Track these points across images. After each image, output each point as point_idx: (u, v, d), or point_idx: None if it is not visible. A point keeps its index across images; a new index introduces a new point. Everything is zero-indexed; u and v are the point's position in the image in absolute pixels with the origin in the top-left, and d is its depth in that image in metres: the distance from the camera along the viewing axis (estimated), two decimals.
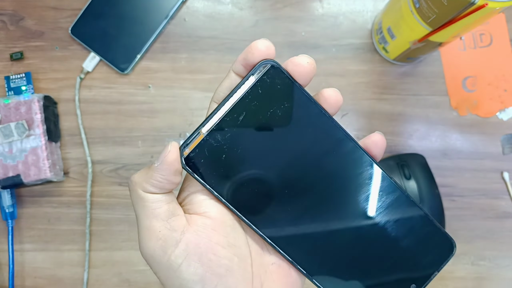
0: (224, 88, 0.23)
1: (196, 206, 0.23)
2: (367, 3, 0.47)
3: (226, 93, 0.23)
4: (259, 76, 0.22)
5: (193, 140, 0.22)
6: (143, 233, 0.22)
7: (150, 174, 0.22)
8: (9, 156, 0.42)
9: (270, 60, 0.22)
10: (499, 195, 0.46)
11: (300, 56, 0.22)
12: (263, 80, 0.22)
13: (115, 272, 0.44)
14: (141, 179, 0.22)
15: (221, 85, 0.24)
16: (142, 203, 0.22)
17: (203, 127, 0.22)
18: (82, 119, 0.45)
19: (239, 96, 0.22)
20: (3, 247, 0.44)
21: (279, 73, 0.22)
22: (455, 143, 0.46)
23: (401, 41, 0.41)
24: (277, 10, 0.47)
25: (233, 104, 0.22)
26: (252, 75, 0.22)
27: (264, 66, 0.22)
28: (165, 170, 0.22)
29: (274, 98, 0.22)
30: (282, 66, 0.22)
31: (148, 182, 0.22)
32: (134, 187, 0.22)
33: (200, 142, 0.22)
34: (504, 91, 0.47)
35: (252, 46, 0.22)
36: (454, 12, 0.33)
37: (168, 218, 0.22)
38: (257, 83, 0.22)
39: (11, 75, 0.45)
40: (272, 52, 0.22)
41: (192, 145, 0.22)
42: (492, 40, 0.47)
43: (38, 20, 0.46)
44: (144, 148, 0.45)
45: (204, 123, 0.22)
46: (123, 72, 0.45)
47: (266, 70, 0.22)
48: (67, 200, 0.45)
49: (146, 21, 0.46)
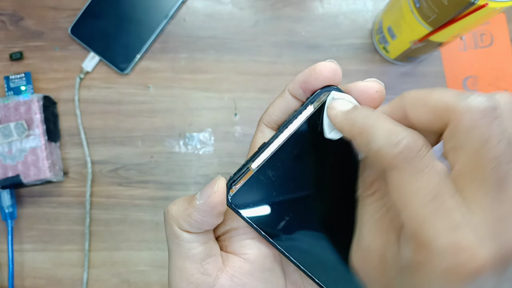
0: (277, 109, 0.21)
1: (235, 245, 0.21)
2: (367, 3, 0.47)
3: (279, 115, 0.21)
4: (319, 105, 0.19)
5: (241, 176, 0.20)
6: (175, 272, 0.21)
7: (189, 212, 0.20)
8: (9, 156, 0.42)
9: (333, 87, 0.20)
10: None
11: (368, 83, 0.19)
12: (323, 109, 0.19)
13: (115, 272, 0.44)
14: (178, 214, 0.20)
15: (273, 105, 0.21)
16: (177, 240, 0.20)
17: (253, 162, 0.20)
18: (82, 119, 0.45)
19: (295, 128, 0.20)
20: (3, 247, 0.44)
21: None
22: None
23: (402, 41, 0.41)
24: (277, 10, 0.47)
25: (287, 137, 0.20)
26: (311, 103, 0.20)
27: (325, 94, 0.19)
28: (207, 212, 0.20)
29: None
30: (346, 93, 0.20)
31: (186, 221, 0.20)
32: (170, 221, 0.20)
33: (249, 179, 0.20)
34: (504, 91, 0.47)
35: (317, 70, 0.19)
36: (455, 12, 0.32)
37: (202, 261, 0.20)
38: (315, 113, 0.19)
39: (10, 75, 0.45)
40: (338, 78, 0.19)
41: (240, 181, 0.20)
42: (493, 40, 0.47)
43: (37, 20, 0.46)
44: (144, 148, 0.45)
45: (254, 158, 0.20)
46: (122, 72, 0.45)
47: (326, 97, 0.19)
48: (66, 200, 0.45)
49: (146, 21, 0.46)
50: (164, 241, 0.23)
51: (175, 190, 0.45)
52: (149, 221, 0.44)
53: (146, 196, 0.45)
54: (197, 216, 0.19)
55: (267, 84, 0.46)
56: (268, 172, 0.20)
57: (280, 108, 0.21)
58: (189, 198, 0.20)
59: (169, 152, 0.45)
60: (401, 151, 0.15)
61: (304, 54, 0.46)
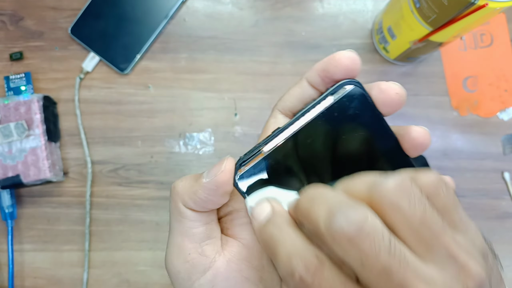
0: (293, 97, 0.21)
1: (236, 228, 0.21)
2: (367, 3, 0.47)
3: (294, 102, 0.21)
4: (339, 97, 0.19)
5: (252, 158, 0.20)
6: (172, 249, 0.20)
7: (195, 189, 0.20)
8: (9, 156, 0.42)
9: (354, 81, 0.19)
10: (499, 195, 0.46)
11: (390, 84, 0.19)
12: (342, 102, 0.19)
13: (115, 272, 0.44)
14: (184, 190, 0.20)
15: (289, 92, 0.21)
16: (180, 217, 0.20)
17: (265, 145, 0.20)
18: (82, 119, 0.45)
19: (312, 117, 0.19)
20: (3, 247, 0.44)
21: (361, 98, 0.19)
22: (456, 143, 0.46)
23: (402, 41, 0.41)
24: (277, 10, 0.47)
25: (303, 124, 0.19)
26: (331, 94, 0.19)
27: (346, 87, 0.19)
28: (213, 191, 0.19)
29: (350, 124, 0.20)
30: (366, 90, 0.20)
31: (191, 198, 0.20)
32: (175, 197, 0.20)
33: (259, 161, 0.20)
34: (504, 91, 0.47)
35: (336, 58, 0.19)
36: (455, 12, 0.32)
37: (202, 241, 0.20)
38: (335, 104, 0.19)
39: (10, 75, 0.45)
40: (357, 68, 0.19)
41: (249, 163, 0.20)
42: (493, 40, 0.47)
43: (37, 20, 0.46)
44: (144, 148, 0.45)
45: (267, 141, 0.20)
46: (122, 72, 0.45)
47: (347, 92, 0.19)
48: (66, 200, 0.45)
49: (146, 21, 0.46)
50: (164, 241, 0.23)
51: None
52: (149, 221, 0.44)
53: (146, 196, 0.45)
54: (203, 194, 0.19)
55: (267, 84, 0.46)
56: (279, 157, 0.20)
57: (296, 96, 0.21)
58: (196, 176, 0.20)
59: (169, 152, 0.45)
60: (297, 284, 0.15)
61: (304, 54, 0.46)
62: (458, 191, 0.46)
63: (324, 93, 0.20)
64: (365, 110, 0.19)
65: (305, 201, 0.17)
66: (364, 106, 0.19)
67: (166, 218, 0.44)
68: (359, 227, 0.14)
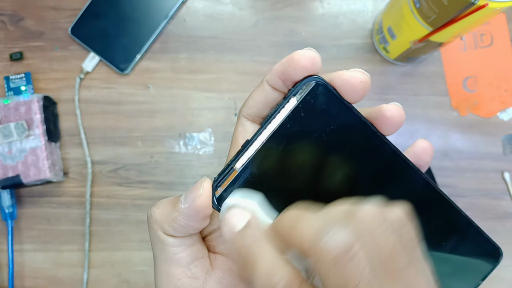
0: (257, 102, 0.20)
1: (223, 245, 0.21)
2: (367, 3, 0.47)
3: (259, 107, 0.20)
4: (302, 97, 0.19)
5: (226, 177, 0.19)
6: (161, 277, 0.20)
7: (173, 216, 0.19)
8: (9, 156, 0.42)
9: (315, 76, 0.19)
10: (500, 195, 0.46)
11: (352, 72, 0.18)
12: (306, 101, 0.19)
13: (115, 272, 0.44)
14: (162, 218, 0.19)
15: (252, 97, 0.20)
16: (161, 245, 0.19)
17: (237, 162, 0.19)
18: (82, 119, 0.45)
19: (278, 123, 0.19)
20: (3, 248, 0.44)
21: (324, 92, 0.19)
22: (456, 143, 0.46)
23: (402, 41, 0.41)
24: (278, 10, 0.47)
25: (271, 133, 0.19)
26: (293, 96, 0.19)
27: (307, 85, 0.19)
28: (193, 216, 0.19)
29: (319, 121, 0.19)
30: (329, 83, 0.19)
31: (171, 225, 0.19)
32: (153, 226, 0.19)
33: (234, 179, 0.19)
34: (504, 91, 0.47)
35: (294, 59, 0.18)
36: (455, 12, 0.32)
37: (189, 264, 0.19)
38: (300, 105, 0.19)
39: (10, 75, 0.45)
40: (318, 67, 0.18)
41: (225, 183, 0.19)
42: (493, 40, 0.47)
43: (37, 20, 0.46)
44: (144, 148, 0.45)
45: (238, 157, 0.19)
46: (122, 72, 0.45)
47: (309, 89, 0.18)
48: (66, 201, 0.45)
49: (146, 21, 0.46)
50: None
51: (175, 190, 0.45)
52: None
53: (146, 196, 0.45)
54: (182, 220, 0.19)
55: None
56: (253, 170, 0.19)
57: (260, 100, 0.20)
58: (173, 201, 0.19)
59: (169, 152, 0.45)
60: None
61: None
62: (458, 191, 0.46)
63: (286, 95, 0.19)
64: (331, 103, 0.19)
65: (289, 219, 0.17)
66: (329, 99, 0.19)
67: None
68: (346, 248, 0.14)
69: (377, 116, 0.19)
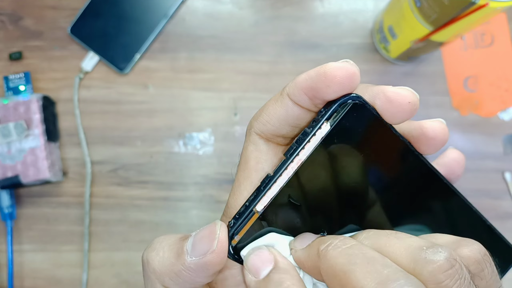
0: (274, 118, 0.16)
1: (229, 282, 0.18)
2: (368, 3, 0.47)
3: (276, 125, 0.17)
4: (336, 121, 0.15)
5: (245, 222, 0.16)
6: None
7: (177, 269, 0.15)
8: (8, 156, 0.41)
9: (353, 95, 0.15)
10: (500, 195, 0.46)
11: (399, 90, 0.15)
12: (341, 125, 0.15)
13: (114, 273, 0.44)
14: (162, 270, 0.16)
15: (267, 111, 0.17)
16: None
17: (258, 204, 0.16)
18: (81, 119, 0.45)
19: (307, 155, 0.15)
20: (2, 248, 0.44)
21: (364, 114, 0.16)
22: (457, 143, 0.46)
23: (402, 41, 0.41)
24: (277, 9, 0.47)
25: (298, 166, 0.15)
26: (326, 120, 0.15)
27: (344, 106, 0.15)
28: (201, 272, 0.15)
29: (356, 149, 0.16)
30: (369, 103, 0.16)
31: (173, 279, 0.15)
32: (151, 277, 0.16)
33: (254, 223, 0.16)
34: (505, 91, 0.47)
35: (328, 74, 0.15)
36: (455, 11, 0.32)
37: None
38: (333, 131, 0.15)
39: (10, 75, 0.45)
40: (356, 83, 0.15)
41: (243, 229, 0.16)
42: (493, 40, 0.47)
43: (37, 20, 0.46)
44: (143, 148, 0.45)
45: (259, 197, 0.16)
46: (122, 72, 0.45)
47: (346, 111, 0.15)
48: (66, 201, 0.44)
49: (146, 20, 0.46)
50: None
51: (175, 190, 0.45)
52: (148, 221, 0.44)
53: (145, 196, 0.45)
54: (187, 276, 0.15)
55: (267, 84, 0.46)
56: (277, 212, 0.16)
57: (278, 117, 0.16)
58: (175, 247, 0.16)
59: (168, 152, 0.45)
60: None
61: (304, 53, 0.46)
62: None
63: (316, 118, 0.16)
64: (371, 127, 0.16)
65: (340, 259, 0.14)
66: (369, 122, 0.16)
67: (165, 218, 0.44)
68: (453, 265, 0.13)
69: (418, 135, 0.17)
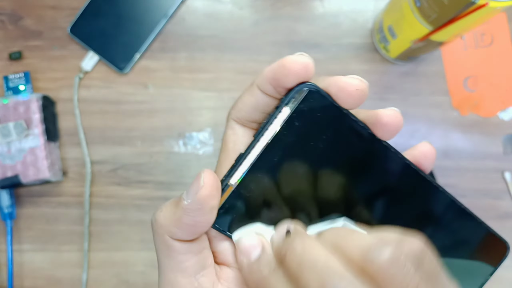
0: (246, 105, 0.19)
1: (225, 255, 0.20)
2: (367, 2, 0.47)
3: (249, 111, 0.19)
4: (295, 106, 0.18)
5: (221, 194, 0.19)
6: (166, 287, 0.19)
7: (178, 215, 0.18)
8: (8, 156, 0.41)
9: (308, 83, 0.18)
10: (500, 195, 0.46)
11: (348, 79, 0.18)
12: (300, 110, 0.18)
13: (114, 272, 0.44)
14: (167, 221, 0.18)
15: (242, 100, 0.19)
16: (168, 252, 0.18)
17: (231, 178, 0.18)
18: (81, 119, 0.45)
19: (272, 135, 0.18)
20: (2, 248, 0.44)
21: (319, 100, 0.18)
22: (456, 143, 0.46)
23: (402, 40, 0.41)
24: (277, 9, 0.47)
25: (265, 145, 0.18)
26: (286, 105, 0.18)
27: (300, 93, 0.18)
28: (198, 210, 0.17)
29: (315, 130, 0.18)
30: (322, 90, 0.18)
31: (177, 226, 0.18)
32: (159, 230, 0.18)
33: (230, 195, 0.19)
34: (505, 91, 0.47)
35: (285, 65, 0.17)
36: (455, 11, 0.32)
37: (196, 273, 0.19)
38: (293, 114, 0.18)
39: (9, 75, 0.44)
40: (310, 73, 0.17)
41: (220, 200, 0.18)
42: (493, 40, 0.47)
43: (36, 20, 0.46)
44: (143, 148, 0.45)
45: (232, 172, 0.18)
46: (122, 72, 0.45)
47: (302, 97, 0.18)
48: (65, 200, 0.44)
49: (145, 20, 0.46)
50: None
51: (175, 190, 0.45)
52: (148, 221, 0.44)
53: (145, 196, 0.45)
54: (188, 218, 0.18)
55: None
56: (249, 185, 0.19)
57: (249, 104, 0.19)
58: (175, 201, 0.18)
59: (168, 152, 0.45)
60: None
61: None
62: (458, 191, 0.46)
63: (278, 104, 0.18)
64: (326, 111, 0.18)
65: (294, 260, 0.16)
66: (324, 107, 0.18)
67: None
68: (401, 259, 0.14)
69: (374, 122, 0.18)
